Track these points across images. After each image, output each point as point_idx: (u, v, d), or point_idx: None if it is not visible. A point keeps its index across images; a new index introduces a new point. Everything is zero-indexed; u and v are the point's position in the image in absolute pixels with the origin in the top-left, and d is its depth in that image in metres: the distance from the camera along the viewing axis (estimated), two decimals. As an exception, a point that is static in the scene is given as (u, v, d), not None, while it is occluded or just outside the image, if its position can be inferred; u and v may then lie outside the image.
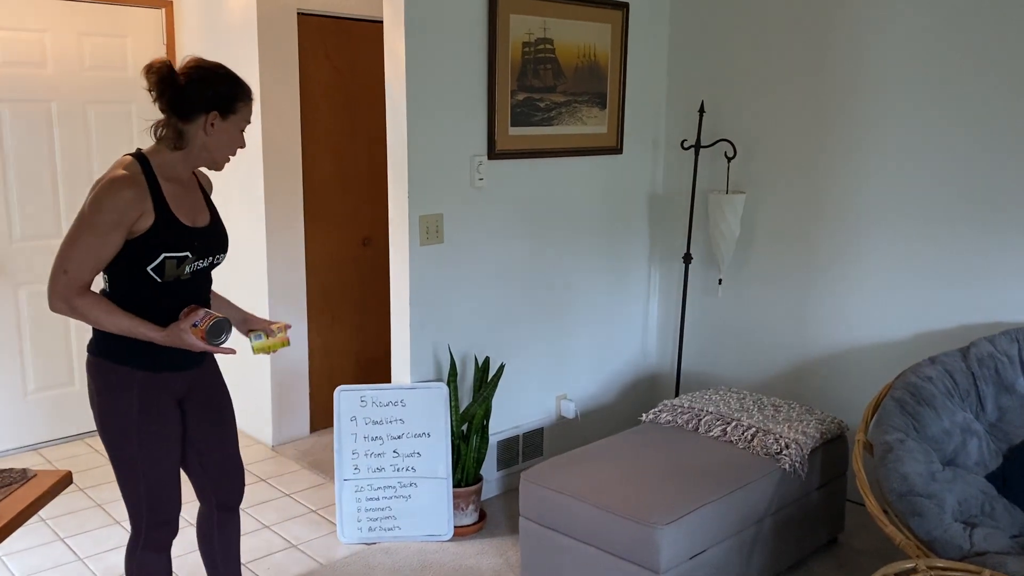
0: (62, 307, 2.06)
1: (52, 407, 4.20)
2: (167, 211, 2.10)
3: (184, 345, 2.09)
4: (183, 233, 2.13)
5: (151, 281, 2.11)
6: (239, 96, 2.15)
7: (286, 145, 4.06)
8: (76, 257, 2.04)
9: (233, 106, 2.14)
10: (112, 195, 2.02)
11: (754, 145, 3.78)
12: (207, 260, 2.23)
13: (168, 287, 2.14)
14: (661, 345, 4.30)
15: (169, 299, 2.15)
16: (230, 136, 2.16)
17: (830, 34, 3.47)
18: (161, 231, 2.08)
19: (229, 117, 2.14)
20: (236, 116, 2.16)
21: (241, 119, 2.18)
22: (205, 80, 2.11)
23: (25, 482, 1.97)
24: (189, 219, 2.17)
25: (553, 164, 3.68)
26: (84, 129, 4.12)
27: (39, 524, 3.41)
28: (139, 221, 2.06)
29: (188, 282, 2.19)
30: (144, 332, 2.09)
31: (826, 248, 3.60)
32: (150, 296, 2.13)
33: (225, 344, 2.15)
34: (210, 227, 2.24)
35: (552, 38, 3.53)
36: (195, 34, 4.26)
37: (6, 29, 3.87)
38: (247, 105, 2.18)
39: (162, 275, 2.11)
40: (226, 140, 2.16)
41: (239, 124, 2.18)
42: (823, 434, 3.09)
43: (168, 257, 2.09)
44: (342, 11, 4.15)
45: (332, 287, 4.38)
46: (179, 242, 2.12)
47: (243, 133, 2.21)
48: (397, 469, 3.28)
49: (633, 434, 3.22)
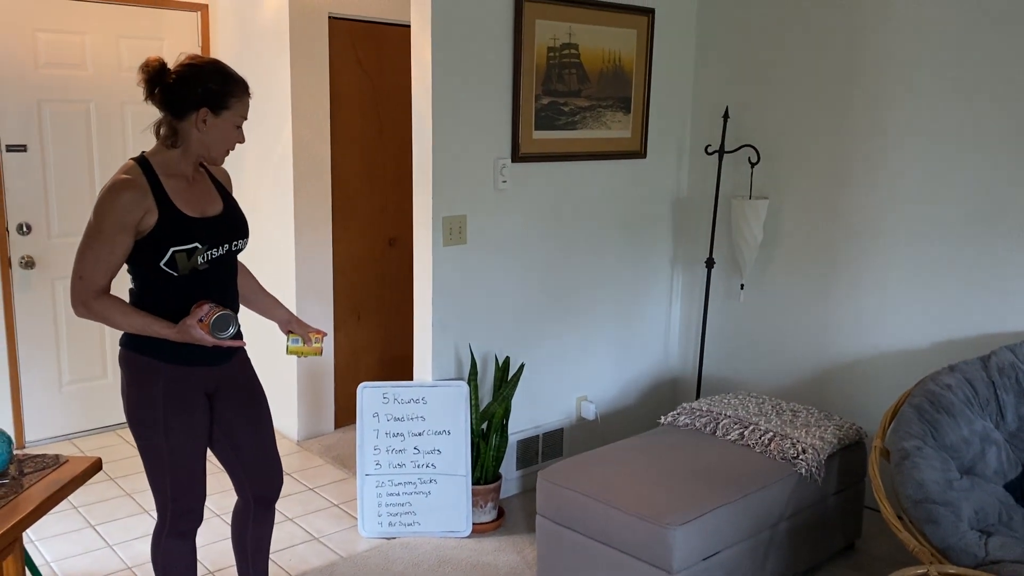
0: (83, 311, 2.15)
1: (85, 399, 4.32)
2: (170, 206, 2.15)
3: (193, 340, 2.14)
4: (189, 225, 2.17)
5: (168, 276, 2.17)
6: (230, 92, 2.17)
7: (315, 147, 4.14)
8: (88, 263, 2.12)
9: (225, 102, 2.16)
10: (112, 200, 2.08)
11: (778, 151, 3.79)
12: (223, 248, 2.25)
13: (189, 280, 2.19)
14: (683, 349, 4.32)
15: (192, 291, 2.20)
16: (223, 132, 2.19)
17: (855, 41, 3.48)
18: (166, 227, 2.13)
19: (221, 113, 2.16)
20: (229, 112, 2.17)
21: (235, 115, 2.19)
22: (195, 77, 2.13)
23: (57, 467, 2.05)
24: (197, 211, 2.21)
25: (577, 167, 3.72)
26: (121, 128, 4.24)
27: (71, 511, 3.52)
28: (144, 220, 2.11)
29: (209, 272, 2.23)
30: (157, 330, 2.15)
31: (848, 254, 3.60)
32: (173, 291, 2.19)
33: (231, 337, 2.16)
34: (222, 216, 2.27)
35: (577, 43, 3.57)
36: (229, 36, 4.36)
37: (49, 31, 4.00)
38: (240, 101, 2.19)
39: (176, 269, 2.16)
40: (220, 136, 2.18)
41: (233, 120, 2.19)
42: (841, 440, 3.09)
43: (177, 251, 2.14)
44: (372, 15, 4.23)
45: (358, 286, 4.46)
46: (185, 234, 2.16)
47: (240, 129, 2.22)
48: (417, 465, 3.33)
49: (651, 436, 3.25)
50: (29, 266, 4.06)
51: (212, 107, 2.15)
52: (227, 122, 2.18)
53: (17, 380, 4.11)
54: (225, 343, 2.17)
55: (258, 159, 4.27)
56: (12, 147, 3.96)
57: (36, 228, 4.07)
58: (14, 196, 4.00)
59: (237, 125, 2.21)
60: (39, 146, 4.04)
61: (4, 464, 1.95)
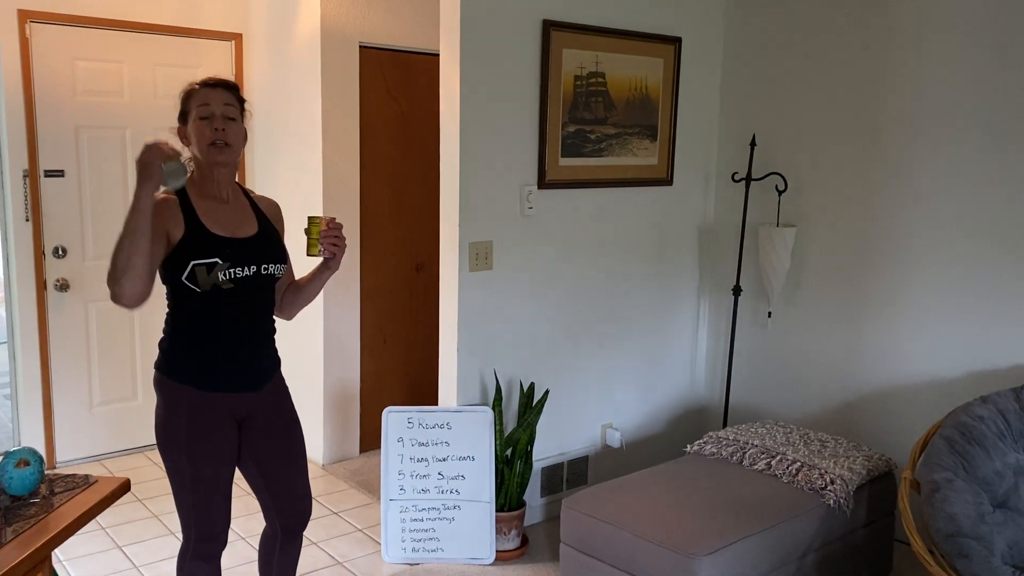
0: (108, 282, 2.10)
1: (116, 420, 4.37)
2: (196, 222, 2.21)
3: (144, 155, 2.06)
4: (211, 241, 2.21)
5: (192, 292, 2.21)
6: (186, 98, 2.27)
7: (345, 173, 4.20)
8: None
9: (185, 107, 2.27)
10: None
11: (805, 179, 3.77)
12: (248, 268, 2.26)
13: (214, 298, 2.22)
14: (709, 377, 4.29)
15: (220, 310, 2.23)
16: (196, 133, 2.25)
17: (885, 68, 3.47)
18: (189, 240, 2.19)
19: (188, 121, 2.26)
20: (191, 114, 2.25)
21: (196, 108, 2.23)
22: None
23: (87, 487, 2.07)
24: (226, 230, 2.25)
25: (603, 194, 3.73)
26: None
27: (99, 532, 3.55)
28: (173, 232, 2.18)
29: (234, 292, 2.24)
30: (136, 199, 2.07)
31: (877, 283, 3.56)
32: (201, 308, 2.23)
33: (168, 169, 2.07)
34: (253, 239, 2.30)
35: (604, 72, 3.60)
36: (262, 65, 4.44)
37: (89, 60, 4.10)
38: (194, 97, 2.25)
39: (196, 284, 2.19)
40: (196, 139, 2.25)
41: (197, 115, 2.23)
42: (870, 471, 3.04)
43: (197, 264, 2.18)
44: (402, 44, 4.30)
45: (385, 311, 4.49)
46: (207, 249, 2.20)
47: (206, 120, 2.22)
48: (442, 491, 3.33)
49: (676, 465, 3.22)
50: (64, 288, 4.14)
51: (181, 120, 2.28)
52: (193, 123, 2.25)
53: (50, 401, 4.18)
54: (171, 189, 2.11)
55: (289, 185, 4.33)
56: (50, 172, 4.06)
57: (71, 251, 4.15)
58: (51, 220, 4.09)
59: (203, 117, 2.24)
60: (76, 171, 4.13)
61: (35, 484, 1.98)
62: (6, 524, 1.84)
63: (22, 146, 3.97)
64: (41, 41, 3.97)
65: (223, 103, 2.25)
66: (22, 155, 3.98)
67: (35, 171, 4.01)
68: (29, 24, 3.93)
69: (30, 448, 2.01)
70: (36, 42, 3.96)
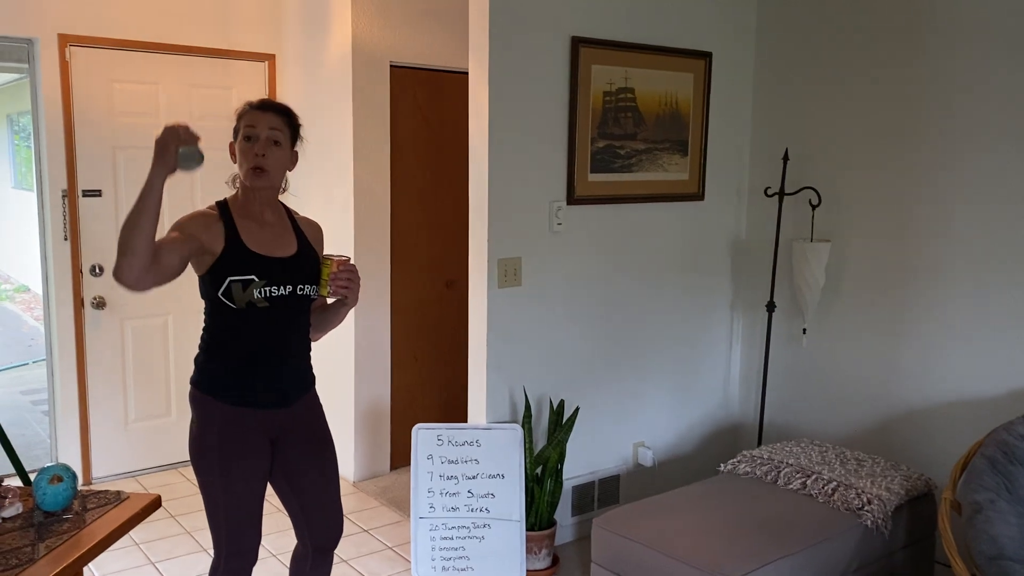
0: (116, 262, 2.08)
1: (150, 436, 4.42)
2: (236, 239, 2.24)
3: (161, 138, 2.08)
4: (249, 258, 2.24)
5: (228, 309, 2.23)
6: (240, 115, 2.31)
7: (376, 191, 4.23)
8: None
9: (236, 127, 2.30)
10: (188, 215, 2.29)
11: (839, 193, 3.72)
12: (284, 288, 2.27)
13: (250, 315, 2.24)
14: (743, 395, 4.23)
15: (255, 328, 2.25)
16: (240, 151, 2.28)
17: (918, 81, 3.42)
18: (227, 256, 2.22)
19: (237, 136, 2.30)
20: (240, 132, 2.29)
21: (243, 128, 2.27)
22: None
23: (119, 503, 2.09)
24: (264, 249, 2.27)
25: (633, 210, 3.71)
26: (189, 174, 4.38)
27: (132, 547, 3.58)
28: (212, 246, 2.21)
29: (269, 311, 2.25)
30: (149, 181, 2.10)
31: (915, 299, 3.50)
32: (237, 325, 2.24)
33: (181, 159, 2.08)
34: (291, 259, 2.31)
35: (633, 87, 3.59)
36: (295, 85, 4.50)
37: (126, 82, 4.18)
38: (242, 117, 2.29)
39: (231, 299, 2.21)
40: (239, 158, 2.29)
41: (243, 135, 2.27)
42: (908, 491, 2.97)
43: (233, 281, 2.21)
44: (431, 63, 4.33)
45: (415, 328, 4.50)
46: (244, 266, 2.22)
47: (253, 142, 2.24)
48: (471, 509, 3.31)
49: (710, 484, 3.17)
50: (100, 306, 4.21)
51: (234, 136, 2.31)
52: (239, 143, 2.29)
53: (86, 417, 4.24)
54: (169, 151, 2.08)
55: (321, 203, 4.36)
56: (88, 192, 4.14)
57: (108, 269, 4.22)
58: (88, 239, 4.16)
59: (246, 137, 2.27)
60: (113, 191, 4.20)
61: (68, 500, 2.00)
62: (39, 540, 1.86)
63: (61, 167, 4.05)
64: (80, 64, 4.06)
65: (269, 127, 2.26)
66: (61, 175, 4.06)
67: (74, 191, 4.09)
68: (69, 48, 4.02)
69: (63, 464, 2.04)
70: (76, 65, 4.05)
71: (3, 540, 1.84)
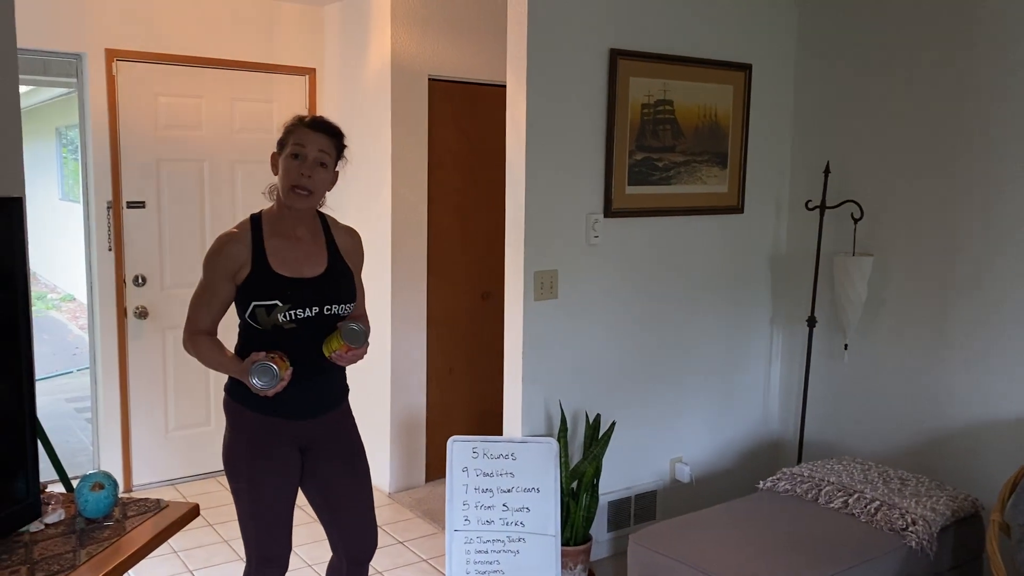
0: (185, 346, 2.30)
1: (189, 445, 4.47)
2: (263, 263, 2.23)
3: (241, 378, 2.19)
4: (274, 283, 2.22)
5: (255, 330, 2.25)
6: (289, 129, 2.29)
7: (413, 203, 4.25)
8: (193, 306, 2.29)
9: (283, 140, 2.29)
10: (215, 250, 2.25)
11: (882, 207, 3.66)
12: (310, 310, 2.25)
13: (277, 335, 2.23)
14: (783, 411, 4.17)
15: (282, 347, 2.23)
16: (284, 167, 2.26)
17: (962, 90, 3.35)
18: (254, 281, 2.22)
19: (282, 150, 2.28)
20: (286, 148, 2.27)
21: (291, 145, 2.25)
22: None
23: (158, 511, 2.11)
24: (291, 270, 2.26)
25: (671, 223, 3.68)
26: (231, 186, 4.46)
27: (171, 555, 3.62)
28: (240, 272, 2.22)
29: (297, 332, 2.24)
30: (228, 367, 2.24)
31: (961, 314, 3.42)
32: (264, 344, 2.24)
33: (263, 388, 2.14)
34: (319, 279, 2.29)
35: (672, 99, 3.57)
36: (335, 98, 4.55)
37: (170, 95, 4.26)
38: (293, 132, 2.27)
39: (257, 322, 2.24)
40: (282, 174, 2.27)
41: (290, 151, 2.26)
42: (954, 512, 2.90)
43: (257, 305, 2.21)
44: (469, 76, 4.35)
45: (451, 340, 4.50)
46: (268, 291, 2.21)
47: (297, 159, 2.23)
48: (506, 523, 3.29)
49: (748, 501, 3.12)
50: (143, 316, 4.27)
51: (279, 148, 2.30)
52: (285, 157, 2.27)
53: (128, 425, 4.30)
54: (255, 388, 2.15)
55: (359, 215, 4.40)
56: (132, 203, 4.21)
57: (151, 280, 4.29)
58: (132, 249, 4.23)
59: (294, 154, 2.25)
60: (156, 203, 4.28)
61: (109, 507, 2.03)
62: (81, 546, 1.88)
63: (107, 178, 4.14)
64: (126, 78, 4.15)
65: (318, 148, 2.25)
66: (107, 187, 4.14)
67: (118, 202, 4.17)
68: (116, 62, 4.10)
69: (105, 472, 2.06)
70: (122, 79, 4.13)
71: (46, 546, 1.87)
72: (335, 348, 2.25)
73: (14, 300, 1.87)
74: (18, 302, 1.87)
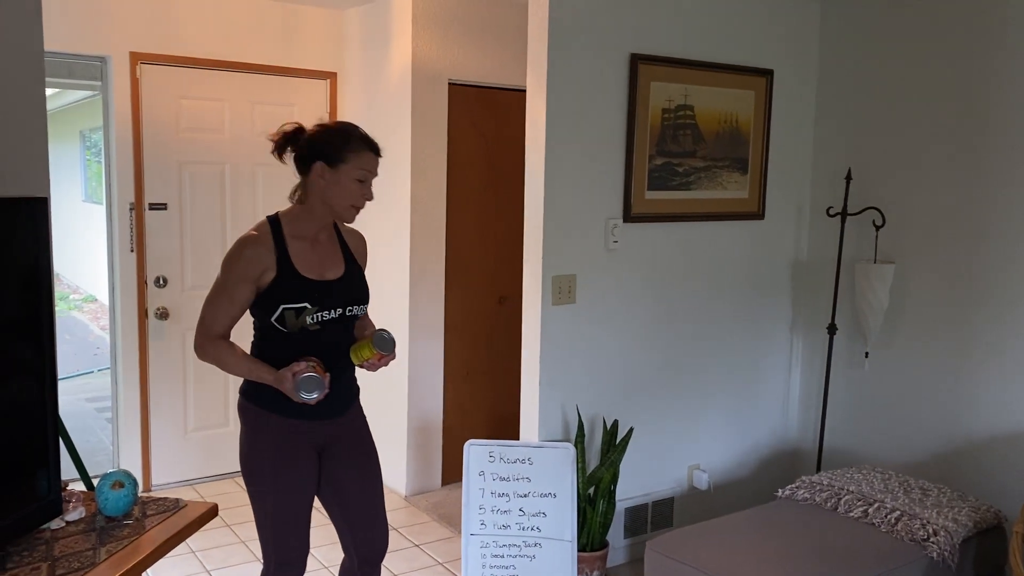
0: (200, 353, 2.28)
1: (208, 445, 4.50)
2: (289, 266, 2.24)
3: (284, 390, 2.20)
4: (302, 285, 2.24)
5: (279, 333, 2.25)
6: (347, 147, 2.25)
7: (432, 206, 4.26)
8: (211, 310, 2.26)
9: (341, 155, 2.25)
10: (237, 253, 2.23)
11: (904, 214, 3.63)
12: (335, 311, 2.30)
13: (300, 337, 2.25)
14: (802, 418, 4.13)
15: (305, 349, 2.26)
16: (343, 186, 2.26)
17: (986, 96, 3.32)
18: (281, 285, 2.22)
19: (338, 167, 2.25)
20: (346, 166, 2.25)
21: (353, 168, 2.25)
22: (319, 135, 2.28)
23: (177, 511, 2.12)
24: (315, 273, 2.28)
25: (691, 228, 3.66)
26: (251, 189, 4.49)
27: (188, 555, 3.63)
28: (264, 276, 2.22)
29: (320, 333, 2.28)
30: (261, 374, 2.24)
31: (984, 323, 3.38)
32: (286, 346, 2.26)
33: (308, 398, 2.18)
34: (340, 280, 2.33)
35: (692, 104, 3.56)
36: (355, 102, 4.57)
37: (192, 98, 4.30)
38: (358, 155, 2.26)
39: (285, 326, 2.24)
40: (340, 191, 2.26)
41: (350, 174, 2.25)
42: (977, 523, 2.86)
43: (286, 308, 2.22)
44: (489, 81, 4.36)
45: (468, 343, 4.50)
46: (297, 294, 2.23)
47: (364, 184, 2.28)
48: (523, 528, 3.28)
49: (767, 510, 3.10)
50: (163, 317, 4.31)
51: (328, 160, 2.25)
52: (345, 176, 2.26)
53: (147, 425, 4.33)
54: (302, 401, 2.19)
55: (378, 218, 4.41)
56: (154, 205, 4.25)
57: (171, 281, 4.32)
58: (153, 251, 4.27)
59: (359, 179, 2.27)
60: (178, 205, 4.31)
61: (129, 506, 2.04)
62: (100, 544, 1.89)
63: (129, 180, 4.17)
64: (150, 81, 4.19)
65: (376, 172, 2.32)
66: (129, 189, 4.18)
67: (140, 204, 4.21)
68: (140, 65, 4.14)
69: (125, 471, 2.08)
70: (145, 82, 4.17)
71: (66, 543, 1.88)
72: (367, 356, 2.29)
73: (38, 299, 1.89)
74: (43, 301, 1.89)
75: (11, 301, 1.84)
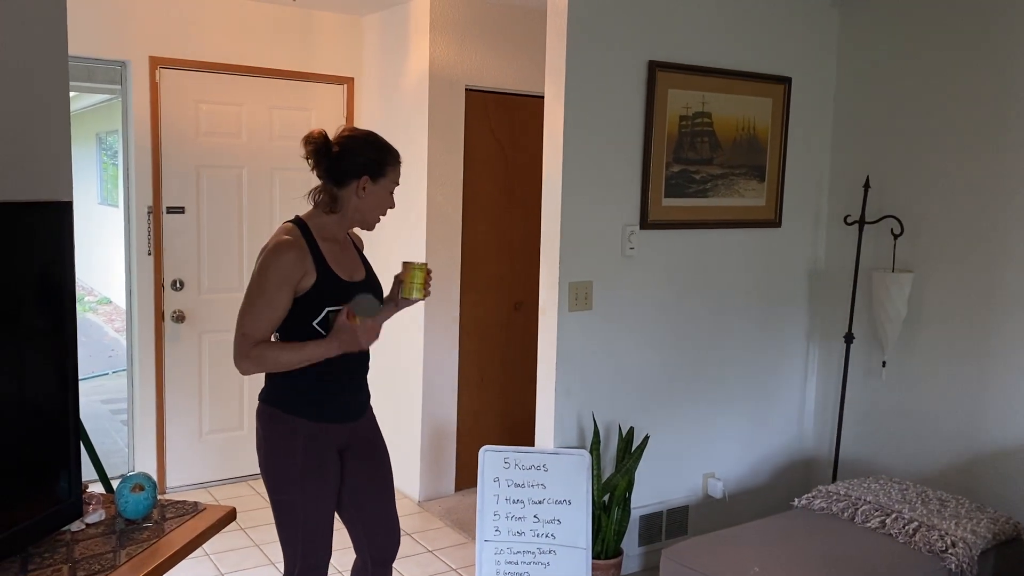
0: (245, 364, 2.23)
1: (223, 449, 4.51)
2: (327, 269, 2.27)
3: (352, 340, 2.21)
4: (343, 287, 2.29)
5: (318, 335, 2.26)
6: (387, 160, 2.32)
7: (448, 212, 4.26)
8: (250, 318, 2.22)
9: (383, 170, 2.31)
10: (276, 258, 2.21)
11: (922, 222, 3.61)
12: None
13: None
14: (819, 428, 4.11)
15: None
16: (379, 198, 2.33)
17: (1006, 105, 3.30)
18: (324, 287, 2.24)
19: (379, 180, 2.31)
20: (385, 179, 2.32)
21: (390, 181, 2.34)
22: (357, 148, 2.29)
23: (195, 514, 2.13)
24: (347, 274, 2.32)
25: (707, 235, 3.66)
26: (269, 193, 4.51)
27: (204, 558, 3.64)
28: (303, 280, 2.22)
29: None
30: (317, 352, 2.22)
31: (1003, 332, 3.35)
32: None
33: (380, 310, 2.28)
34: (366, 281, 2.39)
35: (710, 112, 3.55)
36: (372, 107, 4.59)
37: (211, 103, 4.32)
38: (395, 168, 2.35)
39: (327, 328, 2.25)
40: (375, 202, 2.33)
41: (387, 186, 2.34)
42: (996, 534, 2.84)
43: (331, 311, 2.25)
44: (506, 87, 4.36)
45: (483, 349, 4.50)
46: (341, 295, 2.27)
47: (392, 195, 2.37)
48: (537, 534, 3.27)
49: (783, 519, 3.08)
50: (180, 320, 4.33)
51: (372, 175, 2.30)
52: (383, 189, 2.33)
53: (163, 427, 4.35)
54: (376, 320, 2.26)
55: (394, 223, 4.42)
56: (172, 208, 4.27)
57: (188, 284, 4.34)
58: (171, 254, 4.29)
59: (390, 191, 2.35)
60: (196, 208, 4.33)
61: (148, 509, 2.05)
62: (120, 546, 1.90)
63: (148, 184, 4.20)
64: (169, 85, 4.21)
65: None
66: (147, 192, 4.20)
67: (158, 208, 4.23)
68: (159, 70, 4.17)
69: (145, 474, 2.09)
70: (164, 86, 4.20)
71: (87, 545, 1.89)
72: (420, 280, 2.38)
73: (61, 302, 1.90)
74: (65, 305, 1.91)
75: (35, 304, 1.86)
